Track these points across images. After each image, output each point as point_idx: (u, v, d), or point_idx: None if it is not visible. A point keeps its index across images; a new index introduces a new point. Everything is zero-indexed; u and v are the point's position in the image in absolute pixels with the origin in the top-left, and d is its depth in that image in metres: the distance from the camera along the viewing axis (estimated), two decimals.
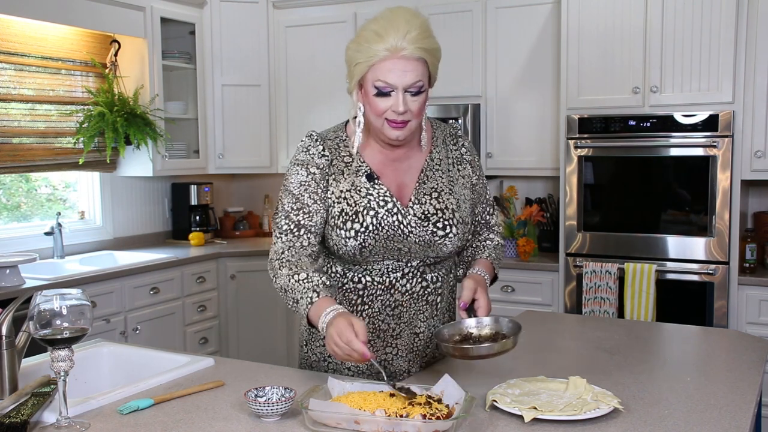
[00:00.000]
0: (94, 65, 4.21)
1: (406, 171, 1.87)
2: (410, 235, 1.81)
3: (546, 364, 1.92)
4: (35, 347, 1.66)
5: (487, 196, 2.02)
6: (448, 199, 1.85)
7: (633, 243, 3.76)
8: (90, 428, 1.48)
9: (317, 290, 1.73)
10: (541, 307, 3.92)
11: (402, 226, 1.80)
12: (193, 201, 4.78)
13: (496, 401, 1.55)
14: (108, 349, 2.08)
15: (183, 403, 1.62)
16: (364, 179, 1.83)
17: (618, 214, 3.82)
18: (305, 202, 1.82)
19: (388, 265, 1.84)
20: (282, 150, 4.90)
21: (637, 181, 3.75)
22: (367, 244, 1.79)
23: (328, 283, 1.76)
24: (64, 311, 1.47)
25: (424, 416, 1.39)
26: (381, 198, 1.82)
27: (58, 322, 1.46)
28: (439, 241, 1.82)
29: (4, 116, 3.78)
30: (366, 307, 1.86)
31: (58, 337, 1.45)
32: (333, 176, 1.85)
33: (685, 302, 3.64)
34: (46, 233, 3.97)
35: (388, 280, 1.85)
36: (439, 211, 1.83)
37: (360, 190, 1.82)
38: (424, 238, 1.81)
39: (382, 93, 1.73)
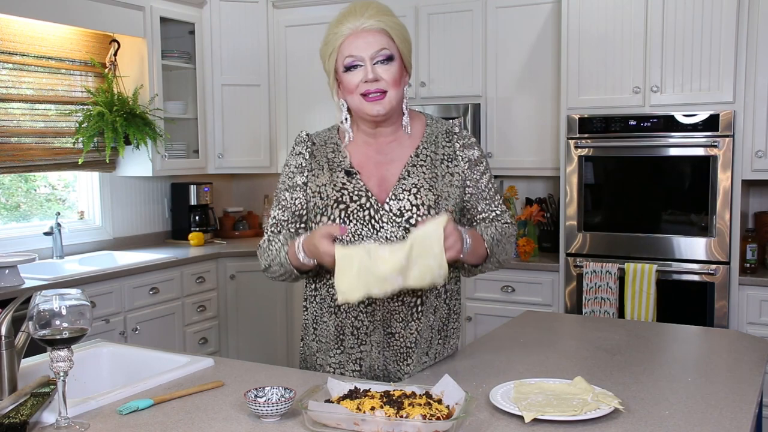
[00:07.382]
0: (94, 65, 4.20)
1: (389, 165, 1.87)
2: (381, 230, 1.79)
3: (546, 364, 1.92)
4: (35, 347, 1.66)
5: (491, 192, 1.92)
6: (426, 195, 1.82)
7: (633, 243, 3.75)
8: (89, 428, 1.48)
9: (287, 242, 1.83)
10: (542, 307, 3.92)
11: (373, 221, 1.80)
12: (193, 201, 4.78)
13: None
14: (107, 350, 2.08)
15: (183, 404, 1.61)
16: (342, 174, 1.85)
17: (618, 214, 3.81)
18: (287, 199, 1.90)
19: None
20: (282, 150, 4.89)
21: (638, 181, 3.75)
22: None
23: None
24: (64, 311, 1.46)
25: (424, 416, 1.39)
26: (356, 193, 1.82)
27: (58, 322, 1.46)
28: None
29: (3, 116, 3.78)
30: None
31: (58, 337, 1.45)
32: (313, 172, 1.89)
33: (686, 302, 3.63)
34: (46, 233, 3.97)
35: None
36: (414, 207, 1.80)
37: (335, 185, 1.85)
38: (396, 234, 1.79)
39: (350, 68, 1.79)
